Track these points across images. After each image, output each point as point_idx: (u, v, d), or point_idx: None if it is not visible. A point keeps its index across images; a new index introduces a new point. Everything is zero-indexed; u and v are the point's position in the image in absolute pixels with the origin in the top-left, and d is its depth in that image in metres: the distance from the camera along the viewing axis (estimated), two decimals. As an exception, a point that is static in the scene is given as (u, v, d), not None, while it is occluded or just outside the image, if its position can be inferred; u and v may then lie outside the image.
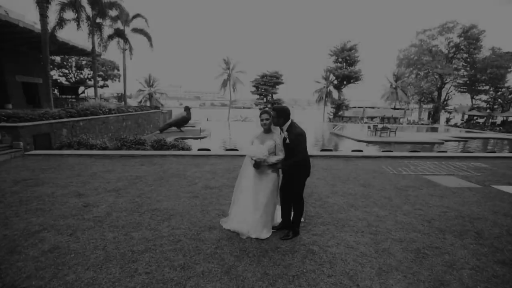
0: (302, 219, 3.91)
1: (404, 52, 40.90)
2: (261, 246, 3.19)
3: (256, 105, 46.50)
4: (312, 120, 44.90)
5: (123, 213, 4.06)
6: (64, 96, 23.64)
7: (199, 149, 9.50)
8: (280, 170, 3.37)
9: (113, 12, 17.36)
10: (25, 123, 8.16)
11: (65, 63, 28.13)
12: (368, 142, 17.74)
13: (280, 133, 3.24)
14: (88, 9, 15.84)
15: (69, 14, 13.67)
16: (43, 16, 11.39)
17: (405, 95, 39.31)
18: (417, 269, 2.82)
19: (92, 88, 29.48)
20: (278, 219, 3.71)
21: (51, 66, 26.96)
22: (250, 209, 3.39)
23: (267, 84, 42.65)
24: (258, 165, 3.20)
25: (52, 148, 8.87)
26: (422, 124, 37.70)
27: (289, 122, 3.15)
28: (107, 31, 17.44)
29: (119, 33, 18.57)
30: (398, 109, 41.39)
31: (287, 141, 3.10)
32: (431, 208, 4.55)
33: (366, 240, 3.41)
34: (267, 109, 3.25)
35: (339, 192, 5.32)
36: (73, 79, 29.55)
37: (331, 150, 10.13)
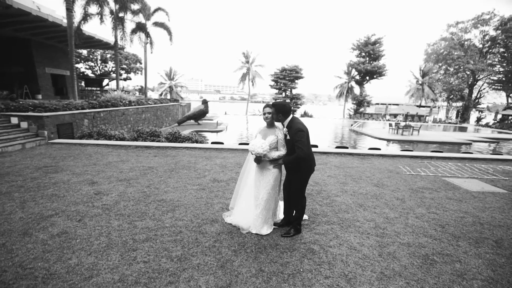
0: (306, 217, 3.83)
1: (433, 46, 38.63)
2: (260, 242, 3.15)
3: (275, 99, 46.17)
4: (331, 116, 43.96)
5: (130, 202, 4.17)
6: (89, 88, 24.74)
7: (212, 143, 9.58)
8: (284, 166, 3.29)
9: (135, 6, 17.78)
10: (50, 113, 8.61)
11: (91, 56, 29.37)
12: (389, 141, 17.07)
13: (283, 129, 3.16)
14: (112, 3, 16.33)
15: (94, 9, 14.16)
16: (69, 11, 11.89)
17: (432, 92, 37.28)
18: (423, 276, 2.66)
19: (115, 81, 30.64)
20: (281, 215, 3.65)
21: (78, 59, 28.27)
22: (251, 204, 3.36)
23: (286, 78, 42.12)
24: (259, 160, 3.14)
25: (74, 137, 9.31)
26: (450, 123, 35.66)
27: (290, 118, 3.06)
28: (129, 25, 17.86)
29: (140, 27, 19.01)
30: (423, 106, 39.41)
31: (288, 137, 3.01)
32: (447, 212, 4.27)
33: (371, 242, 3.26)
34: (269, 103, 3.17)
35: (349, 191, 5.14)
36: (98, 71, 30.81)
37: (346, 148, 9.83)
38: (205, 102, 21.21)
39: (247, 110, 45.27)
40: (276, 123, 3.23)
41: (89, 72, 30.50)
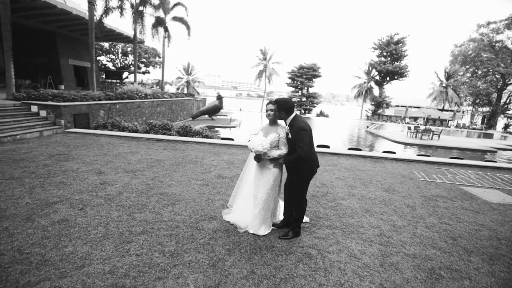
0: (308, 219, 3.70)
1: (460, 48, 36.65)
2: (256, 243, 3.06)
3: (291, 97, 45.74)
4: (348, 117, 42.97)
5: (132, 194, 4.20)
6: (109, 80, 25.49)
7: (222, 138, 9.57)
8: (285, 166, 3.18)
9: (155, 0, 18.04)
10: (67, 103, 8.90)
11: (112, 49, 30.22)
12: (406, 144, 16.43)
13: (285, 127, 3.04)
14: (132, -3, 16.66)
15: (114, 2, 14.47)
16: (91, 4, 12.23)
17: (457, 95, 35.50)
18: (426, 291, 2.47)
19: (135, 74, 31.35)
20: (281, 216, 3.54)
21: (99, 52, 29.16)
22: (250, 203, 3.27)
23: (303, 76, 41.53)
24: (259, 158, 3.04)
25: (89, 127, 9.58)
26: (474, 129, 33.88)
27: (292, 116, 2.93)
28: (148, 19, 18.14)
29: (159, 21, 19.28)
30: (447, 110, 37.66)
31: (289, 135, 2.89)
32: (461, 224, 4.00)
33: (374, 251, 3.09)
34: (272, 99, 3.05)
35: (356, 195, 4.94)
36: (119, 64, 31.68)
37: (359, 150, 9.52)
38: (219, 98, 21.28)
39: (262, 107, 45.12)
40: (279, 121, 3.11)
41: (110, 65, 31.44)
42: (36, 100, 8.83)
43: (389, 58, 36.67)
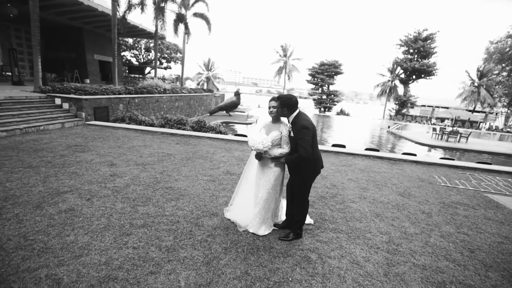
0: (312, 221, 3.56)
1: (497, 45, 34.08)
2: (254, 243, 2.98)
3: (311, 95, 44.92)
4: (370, 116, 41.54)
5: (139, 187, 4.27)
6: (132, 75, 26.31)
7: (235, 135, 9.54)
8: (287, 166, 3.06)
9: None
10: (89, 96, 9.25)
11: (136, 45, 31.16)
12: (430, 147, 15.60)
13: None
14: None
15: (137, -1, 14.84)
16: (114, 0, 12.57)
17: (490, 96, 33.11)
18: (432, 307, 2.28)
19: (158, 69, 32.17)
20: (283, 216, 3.43)
21: (123, 47, 30.14)
22: (251, 202, 3.19)
23: (324, 73, 40.61)
24: (260, 156, 2.94)
25: (108, 120, 9.92)
26: (508, 132, 31.50)
27: (296, 113, 2.80)
28: (169, 14, 18.41)
29: (180, 18, 19.55)
30: (478, 112, 35.29)
31: (292, 133, 2.77)
32: (482, 235, 3.68)
33: (379, 258, 2.91)
34: (275, 96, 2.93)
35: (368, 197, 4.71)
36: (142, 60, 32.61)
37: (377, 150, 9.12)
38: (237, 94, 21.29)
39: (280, 105, 44.74)
40: (283, 119, 2.99)
41: (133, 60, 32.46)
42: (60, 93, 9.26)
43: (416, 56, 34.87)
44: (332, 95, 41.22)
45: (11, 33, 16.73)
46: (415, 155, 8.78)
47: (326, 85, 41.59)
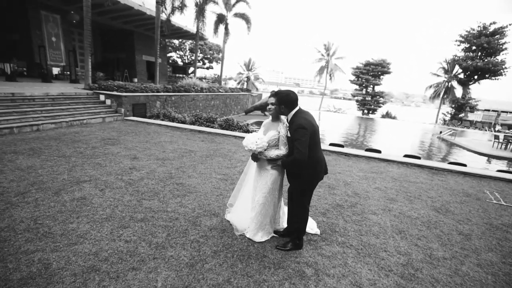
0: (318, 231, 3.24)
1: None
2: (247, 249, 2.79)
3: (354, 96, 42.67)
4: (421, 120, 37.92)
5: (152, 181, 4.36)
6: (175, 75, 27.85)
7: (262, 134, 9.38)
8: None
9: (217, -2, 18.83)
10: (128, 94, 9.94)
11: (181, 46, 32.92)
12: (490, 157, 13.55)
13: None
14: (196, -4, 17.70)
15: (177, 1, 15.58)
16: (158, 4, 13.38)
17: None
18: None
19: (200, 69, 33.64)
20: (285, 223, 3.17)
21: (170, 49, 32.04)
22: (249, 206, 3.01)
23: (370, 73, 38.21)
24: (255, 157, 2.74)
25: (145, 116, 10.55)
26: None
27: (294, 111, 2.53)
28: (209, 15, 19.00)
29: (221, 19, 20.07)
30: (560, 118, 29.79)
31: (288, 134, 2.51)
32: (535, 269, 2.96)
33: (389, 283, 2.49)
34: (273, 92, 2.70)
35: (394, 210, 4.17)
36: (187, 60, 34.35)
37: (417, 157, 8.16)
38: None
39: (320, 105, 43.33)
40: (283, 117, 2.75)
41: (179, 61, 34.37)
42: (105, 90, 10.11)
43: (479, 53, 30.75)
44: (378, 96, 38.57)
45: (75, 37, 18.90)
46: (464, 165, 7.64)
47: (371, 86, 39.09)
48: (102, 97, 9.76)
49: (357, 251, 2.98)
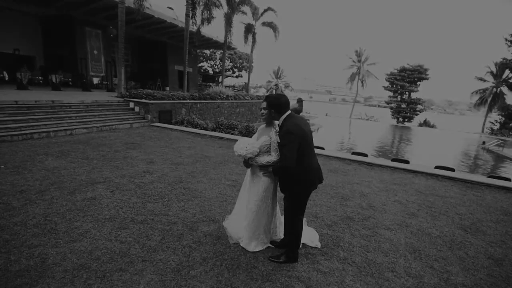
0: (319, 245, 3.04)
1: None
2: (238, 258, 2.69)
3: (388, 103, 40.61)
4: (465, 130, 34.75)
5: (161, 185, 4.47)
6: (205, 84, 28.89)
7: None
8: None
9: (245, 8, 19.30)
10: (155, 101, 10.48)
11: (212, 56, 34.16)
12: (546, 171, 11.90)
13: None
14: (225, 6, 18.32)
15: (205, 14, 16.25)
16: (187, 16, 14.08)
17: None
18: None
19: (230, 77, 34.52)
20: (282, 233, 3.02)
21: (201, 58, 33.37)
22: (243, 214, 2.92)
23: (405, 79, 36.16)
24: (247, 163, 2.66)
25: (171, 122, 11.00)
26: None
27: (285, 116, 2.42)
28: (236, 25, 19.54)
29: (249, 28, 20.50)
30: None
31: (278, 139, 2.40)
32: None
33: (388, 308, 2.23)
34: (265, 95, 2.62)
35: (412, 226, 3.79)
36: (217, 69, 35.48)
37: (451, 169, 7.41)
38: (299, 101, 20.72)
39: (351, 113, 41.84)
40: (275, 122, 2.65)
41: (210, 70, 35.65)
42: (135, 98, 10.77)
43: (535, 55, 27.56)
44: (413, 103, 36.26)
45: (114, 49, 20.52)
46: (508, 179, 6.77)
47: (407, 93, 36.90)
48: (131, 105, 10.40)
49: (358, 269, 2.72)
